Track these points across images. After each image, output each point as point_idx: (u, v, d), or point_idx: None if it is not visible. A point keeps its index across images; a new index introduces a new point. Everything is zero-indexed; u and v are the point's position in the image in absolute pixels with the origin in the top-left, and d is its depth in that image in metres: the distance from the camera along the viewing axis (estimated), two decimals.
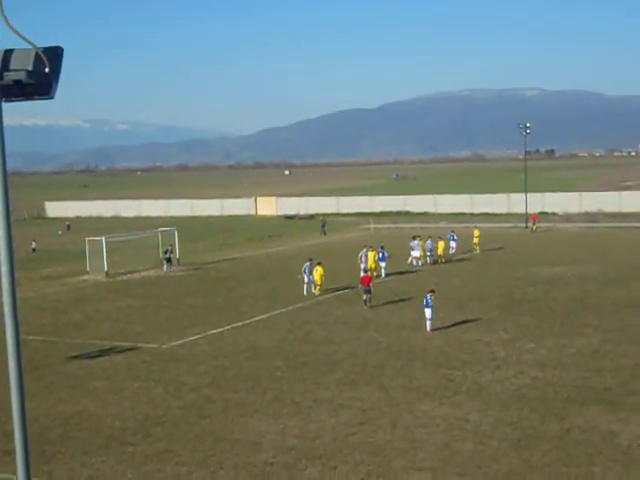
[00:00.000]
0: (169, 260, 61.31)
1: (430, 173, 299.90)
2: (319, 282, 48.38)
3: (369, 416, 24.91)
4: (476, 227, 71.39)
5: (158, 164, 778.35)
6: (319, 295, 47.96)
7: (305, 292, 48.59)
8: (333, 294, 48.18)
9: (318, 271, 48.29)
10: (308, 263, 49.42)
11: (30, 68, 7.81)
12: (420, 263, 60.20)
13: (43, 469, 21.17)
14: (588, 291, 46.32)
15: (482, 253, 66.48)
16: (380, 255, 55.59)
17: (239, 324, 40.40)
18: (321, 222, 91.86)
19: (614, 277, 51.24)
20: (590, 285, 48.34)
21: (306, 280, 48.83)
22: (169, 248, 62.25)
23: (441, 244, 61.46)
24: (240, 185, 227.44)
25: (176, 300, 48.45)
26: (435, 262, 60.76)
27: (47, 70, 7.88)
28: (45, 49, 7.88)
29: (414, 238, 61.68)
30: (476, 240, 68.08)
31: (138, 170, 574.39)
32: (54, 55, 7.95)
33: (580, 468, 20.18)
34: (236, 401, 27.08)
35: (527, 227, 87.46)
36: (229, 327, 39.71)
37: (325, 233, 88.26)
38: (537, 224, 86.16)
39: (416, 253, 60.28)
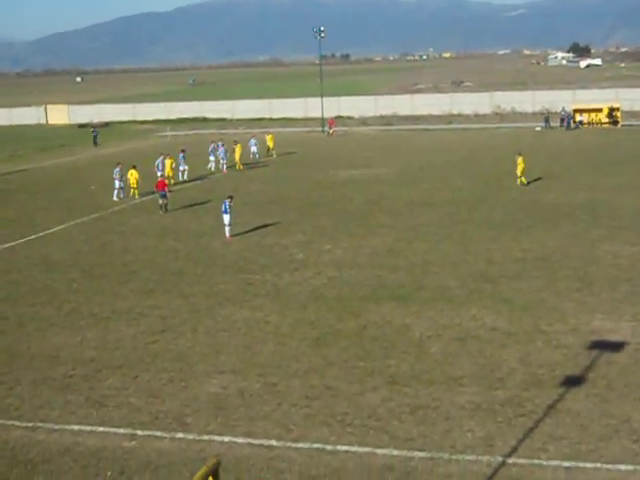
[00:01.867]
0: None
1: (228, 78, 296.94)
2: (135, 185, 48.57)
3: (169, 323, 24.83)
4: (268, 132, 71.71)
5: None
6: (137, 198, 48.28)
7: (115, 197, 48.44)
8: (132, 203, 47.32)
9: (133, 175, 48.39)
10: (117, 168, 49.07)
11: None
12: (213, 167, 60.58)
13: None
14: (383, 192, 47.63)
15: (279, 157, 67.00)
16: (181, 158, 56.14)
17: (32, 237, 38.99)
18: (92, 133, 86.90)
19: (407, 178, 52.94)
20: (385, 186, 49.72)
21: (117, 185, 48.65)
22: None
23: (238, 149, 61.25)
24: (29, 93, 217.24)
25: None
26: (231, 166, 60.72)
27: None
28: None
29: (212, 143, 61.64)
30: (270, 144, 68.53)
31: None
32: None
33: (376, 362, 20.96)
34: (32, 316, 26.29)
35: (324, 131, 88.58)
36: (22, 241, 38.24)
37: (97, 144, 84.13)
38: (334, 128, 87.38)
39: (213, 157, 60.68)
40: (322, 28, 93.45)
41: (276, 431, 17.31)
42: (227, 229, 36.60)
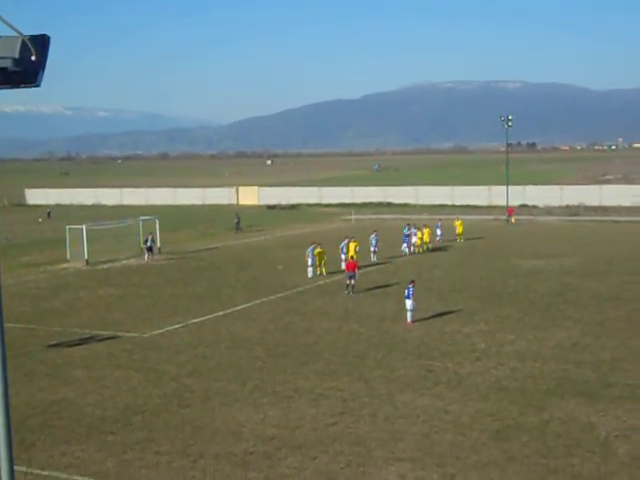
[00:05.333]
0: (150, 249, 61.04)
1: (412, 164, 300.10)
2: (322, 262, 51.26)
3: (349, 406, 24.97)
4: (458, 218, 71.89)
5: (139, 152, 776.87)
6: (324, 275, 50.82)
7: (310, 275, 50.63)
8: (315, 284, 48.24)
9: (318, 251, 51.12)
10: (312, 246, 51.39)
11: (16, 56, 7.79)
12: (413, 250, 61.78)
13: (22, 457, 21.03)
14: (568, 284, 46.56)
15: (463, 244, 66.85)
16: (373, 240, 57.51)
17: (220, 313, 40.37)
18: (235, 217, 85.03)
19: (594, 270, 51.53)
20: (570, 278, 48.60)
21: (310, 263, 50.91)
22: (149, 237, 61.81)
23: (423, 232, 62.42)
24: (221, 174, 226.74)
25: (157, 289, 48.34)
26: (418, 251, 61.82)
27: (33, 58, 7.87)
28: (32, 37, 7.86)
29: (407, 225, 63.82)
30: (460, 230, 68.77)
31: (119, 158, 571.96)
32: (41, 43, 7.94)
33: (559, 460, 20.31)
34: (217, 390, 27.08)
35: (506, 220, 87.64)
36: (210, 316, 39.67)
37: (239, 229, 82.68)
38: (515, 216, 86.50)
39: (413, 240, 62.20)
40: (510, 117, 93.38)
41: None
42: (409, 314, 36.67)
